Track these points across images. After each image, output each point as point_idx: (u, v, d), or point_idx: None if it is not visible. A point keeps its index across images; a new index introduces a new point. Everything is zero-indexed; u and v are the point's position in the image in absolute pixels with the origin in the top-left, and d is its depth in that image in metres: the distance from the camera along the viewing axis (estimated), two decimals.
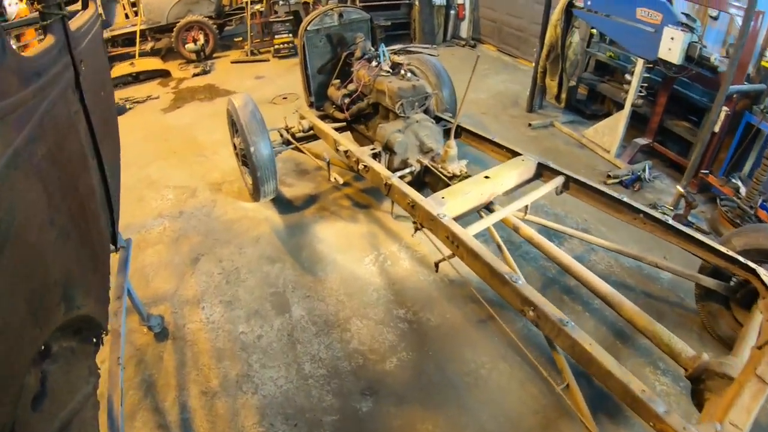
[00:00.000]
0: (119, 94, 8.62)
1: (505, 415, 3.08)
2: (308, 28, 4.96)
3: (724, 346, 3.37)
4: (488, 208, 3.62)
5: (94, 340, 1.95)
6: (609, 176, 5.49)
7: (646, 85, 5.51)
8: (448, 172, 3.77)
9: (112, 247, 2.88)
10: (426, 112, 4.42)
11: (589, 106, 7.12)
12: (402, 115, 4.18)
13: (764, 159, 4.23)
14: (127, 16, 10.45)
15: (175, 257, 4.47)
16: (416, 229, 3.42)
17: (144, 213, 5.13)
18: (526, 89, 7.42)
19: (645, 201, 5.14)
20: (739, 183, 4.82)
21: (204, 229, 4.81)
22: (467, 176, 3.76)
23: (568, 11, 6.15)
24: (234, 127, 4.82)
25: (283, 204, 5.15)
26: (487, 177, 3.59)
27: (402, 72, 4.38)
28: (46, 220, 1.48)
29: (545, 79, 6.87)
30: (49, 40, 1.82)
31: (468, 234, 2.96)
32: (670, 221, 3.16)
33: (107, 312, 2.13)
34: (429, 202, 3.24)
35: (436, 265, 3.26)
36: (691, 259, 3.26)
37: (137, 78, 9.39)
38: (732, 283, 3.21)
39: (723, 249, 2.93)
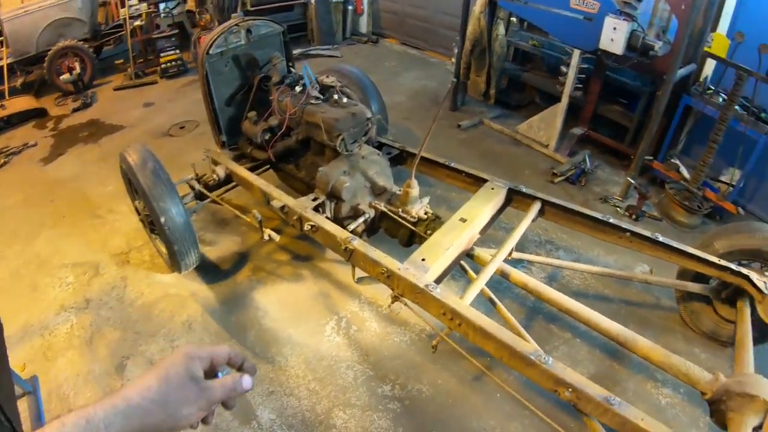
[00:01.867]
0: None
1: None
2: (210, 52, 4.05)
3: (708, 339, 3.43)
4: (468, 254, 3.09)
5: None
6: (554, 174, 5.30)
7: (582, 75, 5.25)
8: (412, 217, 3.18)
9: None
10: (368, 141, 3.76)
11: (512, 98, 6.84)
12: (344, 152, 3.48)
13: (710, 142, 4.26)
14: None
15: (94, 366, 3.55)
16: (394, 300, 2.79)
17: (42, 307, 4.10)
18: (443, 85, 6.97)
19: (594, 195, 5.01)
20: (678, 162, 4.88)
21: (120, 321, 3.89)
22: (434, 218, 3.22)
23: (492, 2, 5.73)
24: (132, 187, 3.93)
25: (208, 270, 4.29)
26: (463, 220, 3.05)
27: (335, 97, 3.69)
28: None
29: (469, 74, 6.42)
30: None
31: (471, 310, 2.44)
32: (660, 238, 3.01)
33: None
34: (410, 272, 2.63)
35: (434, 347, 2.66)
36: (664, 264, 3.21)
37: (9, 122, 8.04)
38: (713, 284, 3.23)
39: (714, 259, 2.90)
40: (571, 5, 4.71)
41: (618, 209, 4.74)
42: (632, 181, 4.73)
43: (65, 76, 8.73)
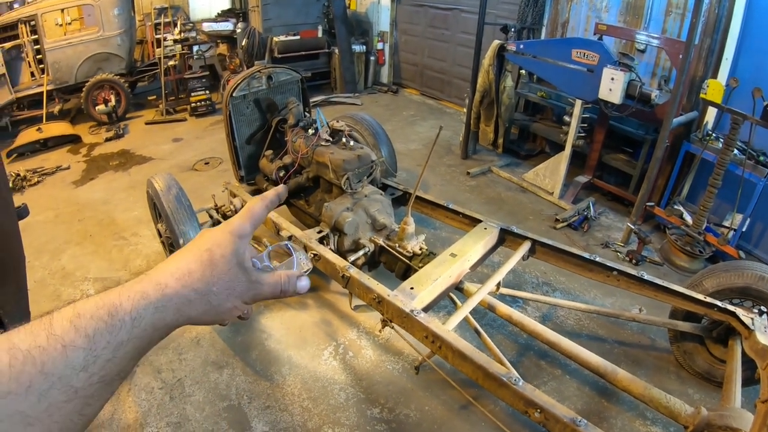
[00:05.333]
0: (26, 165, 7.82)
1: None
2: (234, 94, 4.48)
3: (703, 380, 3.45)
4: (458, 287, 3.32)
5: None
6: (557, 220, 5.44)
7: (585, 125, 5.49)
8: (408, 252, 3.43)
9: None
10: (372, 181, 4.07)
11: (522, 147, 7.10)
12: (349, 190, 3.80)
13: (709, 186, 4.35)
14: (33, 75, 9.56)
15: None
16: (384, 325, 3.04)
17: None
18: (457, 134, 7.29)
19: (595, 240, 5.15)
20: (681, 208, 4.97)
21: None
22: (428, 254, 3.45)
23: (500, 55, 6.07)
24: (156, 210, 4.28)
25: None
26: (453, 255, 3.29)
27: (343, 140, 4.03)
28: None
29: (479, 124, 6.74)
30: None
31: (451, 333, 2.64)
32: (645, 276, 3.10)
33: None
34: (398, 298, 2.88)
35: (417, 368, 2.90)
36: (660, 304, 3.26)
37: (45, 145, 8.56)
38: (704, 323, 3.28)
39: (700, 296, 2.96)
40: (573, 58, 5.02)
41: (619, 254, 4.87)
42: (633, 227, 4.84)
43: (101, 107, 9.28)
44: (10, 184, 7.03)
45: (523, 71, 6.74)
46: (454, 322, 2.86)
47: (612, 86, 4.70)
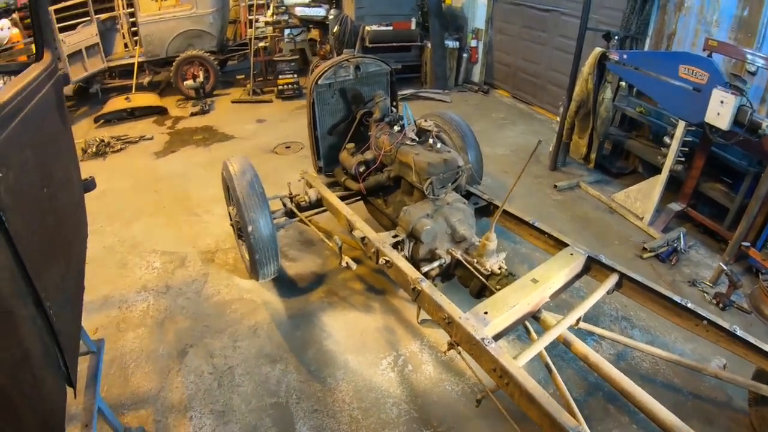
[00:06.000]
0: (112, 131, 8.08)
1: None
2: (319, 82, 4.35)
3: None
4: (534, 316, 3.04)
5: None
6: (645, 249, 5.01)
7: (686, 149, 5.04)
8: (486, 269, 3.17)
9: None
10: (456, 188, 3.82)
11: (614, 164, 6.64)
12: (431, 195, 3.57)
13: None
14: (126, 46, 9.95)
15: (159, 346, 3.82)
16: (450, 347, 2.80)
17: (126, 284, 4.48)
18: (547, 143, 6.90)
19: (682, 276, 4.70)
20: None
21: (193, 312, 4.15)
22: (507, 275, 3.19)
23: (601, 64, 5.66)
24: (229, 193, 4.21)
25: (284, 284, 4.48)
26: (534, 280, 3.01)
27: (430, 141, 3.80)
28: None
29: (572, 135, 6.35)
30: None
31: (521, 371, 2.38)
32: (738, 332, 2.77)
33: None
34: (470, 322, 2.64)
35: (478, 401, 2.65)
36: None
37: (132, 114, 8.85)
38: None
39: None
40: (680, 74, 4.59)
41: (706, 295, 4.44)
42: (724, 267, 4.40)
43: (189, 82, 9.50)
44: (94, 149, 7.26)
45: (623, 83, 6.30)
46: (526, 357, 2.61)
47: (721, 110, 4.25)
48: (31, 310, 1.65)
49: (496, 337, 2.70)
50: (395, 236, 3.46)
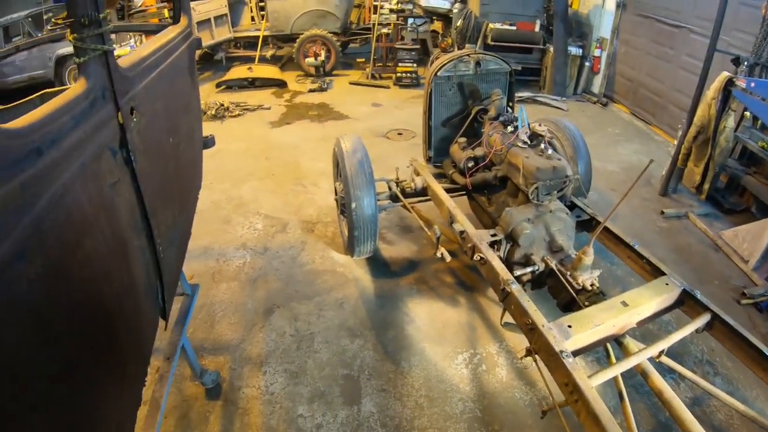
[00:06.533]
0: (232, 97, 8.57)
1: None
2: (438, 74, 4.41)
3: None
4: (617, 339, 2.93)
5: None
6: (744, 294, 4.61)
7: None
8: (578, 284, 3.09)
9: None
10: (561, 197, 3.74)
11: (727, 199, 6.17)
12: (535, 201, 3.52)
13: None
14: (253, 20, 10.49)
15: (248, 302, 4.06)
16: (527, 354, 2.78)
17: (227, 240, 4.79)
18: (660, 166, 6.55)
19: None
20: None
21: (286, 276, 4.37)
22: (598, 293, 3.09)
23: (727, 90, 5.27)
24: (338, 169, 4.36)
25: (377, 265, 4.60)
26: (625, 303, 2.89)
27: (542, 146, 3.73)
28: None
29: (687, 162, 5.99)
30: (78, 87, 1.32)
31: (593, 391, 2.31)
32: None
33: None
34: (552, 333, 2.60)
35: (544, 413, 2.61)
36: None
37: (252, 84, 9.34)
38: None
39: None
40: None
41: None
42: None
43: (310, 60, 9.87)
44: (213, 112, 7.73)
45: (747, 113, 5.82)
46: (601, 378, 2.54)
47: None
48: (143, 243, 1.81)
49: (575, 353, 2.65)
50: (494, 235, 3.46)
